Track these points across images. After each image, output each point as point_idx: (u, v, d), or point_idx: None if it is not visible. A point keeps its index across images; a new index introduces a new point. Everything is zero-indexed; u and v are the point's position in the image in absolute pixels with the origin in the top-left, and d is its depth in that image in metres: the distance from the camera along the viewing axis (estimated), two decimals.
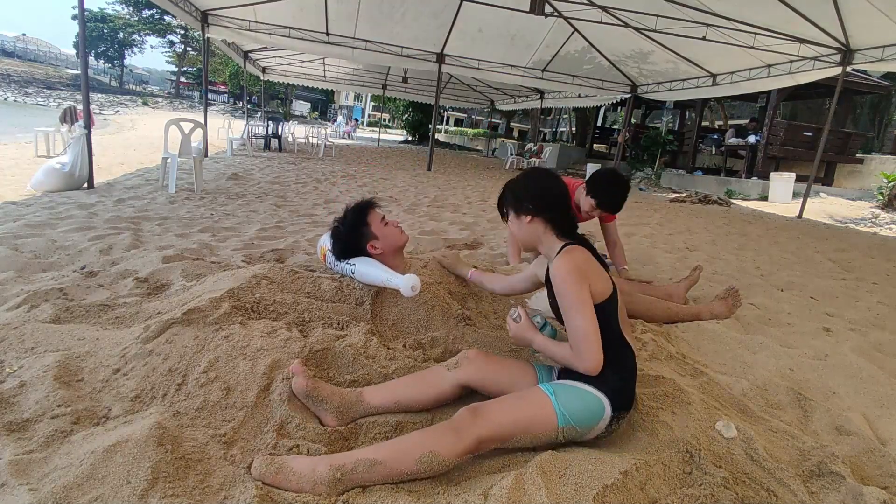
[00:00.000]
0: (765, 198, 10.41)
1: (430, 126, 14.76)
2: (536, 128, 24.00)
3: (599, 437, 1.40)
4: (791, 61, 8.23)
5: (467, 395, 1.58)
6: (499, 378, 1.52)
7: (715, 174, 13.31)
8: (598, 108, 19.01)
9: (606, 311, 1.40)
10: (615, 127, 23.12)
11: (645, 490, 1.19)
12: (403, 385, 1.53)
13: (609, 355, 1.35)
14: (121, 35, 52.68)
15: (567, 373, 1.44)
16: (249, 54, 14.54)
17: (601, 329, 1.36)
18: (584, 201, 2.86)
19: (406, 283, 1.81)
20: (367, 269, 1.99)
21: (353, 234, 2.07)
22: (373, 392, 1.51)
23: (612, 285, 1.45)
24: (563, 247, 1.48)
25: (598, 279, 1.41)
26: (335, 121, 33.66)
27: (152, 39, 55.33)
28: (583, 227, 1.85)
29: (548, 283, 1.52)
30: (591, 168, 13.42)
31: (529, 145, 17.56)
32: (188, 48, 53.41)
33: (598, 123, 22.78)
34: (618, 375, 1.38)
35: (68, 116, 8.18)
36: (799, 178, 10.21)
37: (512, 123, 36.54)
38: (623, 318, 1.47)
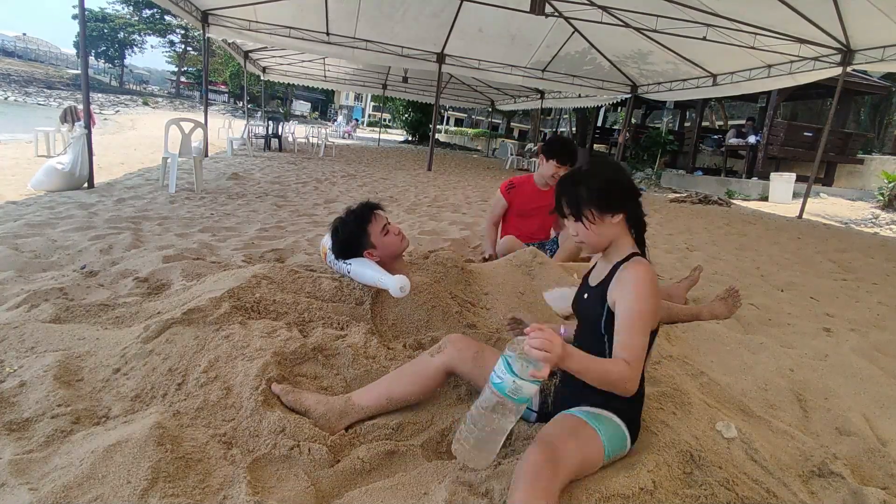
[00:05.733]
0: (765, 198, 10.41)
1: (431, 126, 14.76)
2: (536, 128, 23.98)
3: None
4: (791, 61, 8.23)
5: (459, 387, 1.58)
6: (482, 363, 1.46)
7: (715, 174, 13.30)
8: (598, 109, 18.99)
9: (650, 340, 1.30)
10: (615, 127, 23.07)
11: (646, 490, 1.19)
12: (391, 380, 1.50)
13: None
14: (121, 35, 52.76)
15: (584, 393, 1.30)
16: (250, 54, 14.53)
17: None
18: (541, 165, 3.07)
19: (395, 283, 1.82)
20: (360, 270, 2.02)
21: (350, 243, 2.05)
22: (361, 394, 1.48)
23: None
24: (634, 255, 1.34)
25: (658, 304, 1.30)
26: (335, 121, 33.65)
27: (152, 39, 55.40)
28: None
29: (585, 282, 1.45)
30: None
31: (530, 145, 17.55)
32: (188, 48, 53.42)
33: (599, 124, 22.76)
34: (637, 407, 1.33)
35: (69, 116, 8.17)
36: (799, 179, 10.21)
37: (512, 123, 36.51)
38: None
